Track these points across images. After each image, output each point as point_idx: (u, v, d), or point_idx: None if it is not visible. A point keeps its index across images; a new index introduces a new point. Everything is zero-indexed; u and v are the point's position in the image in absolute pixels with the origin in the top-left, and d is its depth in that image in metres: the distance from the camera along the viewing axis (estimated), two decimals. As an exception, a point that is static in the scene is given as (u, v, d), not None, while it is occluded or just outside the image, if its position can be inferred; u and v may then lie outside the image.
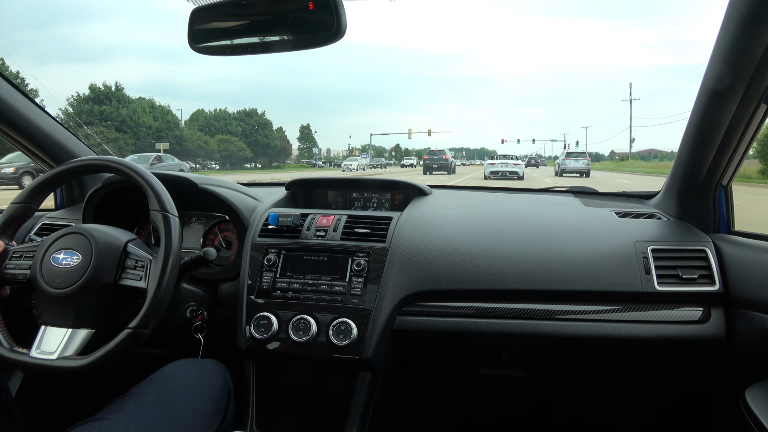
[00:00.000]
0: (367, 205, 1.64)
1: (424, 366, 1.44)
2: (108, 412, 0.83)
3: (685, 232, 1.26)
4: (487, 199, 1.61)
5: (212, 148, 41.41)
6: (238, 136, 45.90)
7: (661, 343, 1.12)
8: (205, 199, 1.38)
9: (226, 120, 47.72)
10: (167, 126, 37.37)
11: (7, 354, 0.90)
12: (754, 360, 1.09)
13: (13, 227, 1.03)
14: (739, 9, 0.88)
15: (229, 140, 43.53)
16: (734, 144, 1.12)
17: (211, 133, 44.66)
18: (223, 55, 1.03)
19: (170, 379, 0.94)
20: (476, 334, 1.18)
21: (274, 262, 1.25)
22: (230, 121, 47.98)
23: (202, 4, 1.00)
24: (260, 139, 48.70)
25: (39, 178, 1.05)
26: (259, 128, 49.50)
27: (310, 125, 69.07)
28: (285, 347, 1.18)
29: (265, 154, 49.04)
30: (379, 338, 1.16)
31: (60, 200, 1.71)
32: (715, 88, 1.03)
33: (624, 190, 1.73)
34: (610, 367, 1.35)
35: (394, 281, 1.19)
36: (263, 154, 48.61)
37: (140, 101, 36.38)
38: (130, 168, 1.02)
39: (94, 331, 0.92)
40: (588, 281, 1.15)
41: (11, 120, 1.38)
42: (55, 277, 0.92)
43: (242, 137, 46.47)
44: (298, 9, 0.96)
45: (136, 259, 0.96)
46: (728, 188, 1.25)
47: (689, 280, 1.14)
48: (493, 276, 1.18)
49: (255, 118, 50.24)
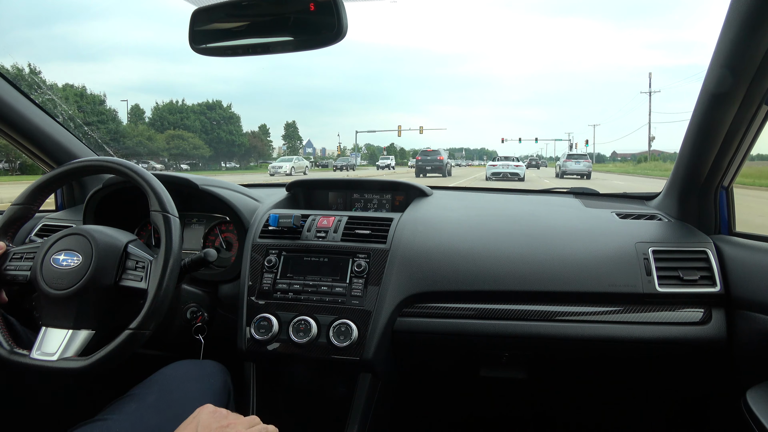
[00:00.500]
0: (367, 206, 1.64)
1: (425, 367, 1.44)
2: (108, 413, 0.83)
3: (686, 233, 1.25)
4: (488, 201, 1.61)
5: (159, 145, 34.93)
6: (196, 131, 39.55)
7: (662, 344, 1.12)
8: (205, 200, 1.38)
9: (183, 113, 41.09)
10: (100, 119, 30.62)
11: (8, 355, 0.90)
12: (755, 361, 1.08)
13: (14, 228, 1.03)
14: (741, 10, 0.88)
15: (182, 136, 37.34)
16: (735, 145, 1.12)
17: (164, 127, 38.75)
18: (223, 56, 1.04)
19: (171, 380, 0.94)
20: (477, 335, 1.18)
21: (274, 263, 1.25)
22: (187, 114, 41.29)
23: (203, 5, 1.00)
24: (223, 136, 42.60)
25: (39, 179, 1.05)
26: (223, 123, 43.18)
27: (296, 122, 64.18)
28: (285, 348, 1.17)
29: (230, 154, 43.31)
30: (380, 339, 1.16)
31: (60, 201, 1.71)
32: (716, 89, 1.03)
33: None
34: (610, 368, 1.35)
35: (394, 282, 1.19)
36: (227, 154, 42.85)
37: (68, 89, 29.67)
38: (131, 169, 1.02)
39: (95, 332, 0.92)
40: (589, 282, 1.15)
41: (12, 121, 1.38)
42: (56, 278, 0.92)
43: (201, 133, 40.40)
44: (299, 10, 0.96)
45: (136, 260, 0.96)
46: (729, 189, 1.25)
47: (690, 281, 1.13)
48: (494, 277, 1.18)
49: (218, 111, 43.69)
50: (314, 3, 0.93)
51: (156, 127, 38.71)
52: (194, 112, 42.38)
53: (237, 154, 44.13)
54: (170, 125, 39.53)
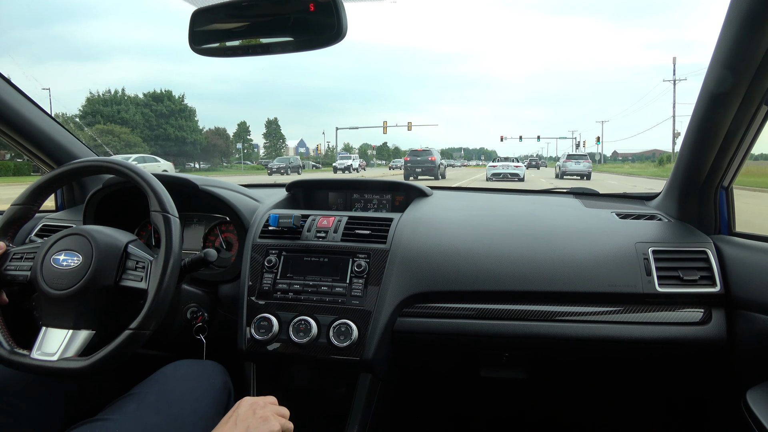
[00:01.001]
0: (367, 207, 1.64)
1: (425, 368, 1.44)
2: (109, 413, 0.84)
3: (686, 233, 1.25)
4: (488, 201, 1.61)
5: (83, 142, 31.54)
6: (137, 126, 34.00)
7: (662, 344, 1.12)
8: (205, 200, 1.38)
9: (122, 105, 35.21)
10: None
11: (8, 355, 0.90)
12: (755, 361, 1.08)
13: (14, 228, 1.03)
14: (741, 10, 0.88)
15: (112, 131, 31.86)
16: (735, 145, 1.12)
17: (97, 121, 33.47)
18: (223, 57, 1.04)
19: (171, 379, 0.94)
20: (477, 335, 1.18)
21: (274, 263, 1.25)
22: (127, 106, 35.35)
23: (203, 6, 1.00)
24: (171, 132, 36.21)
25: (39, 179, 1.05)
26: (172, 117, 36.76)
27: (277, 119, 57.26)
28: (285, 348, 1.18)
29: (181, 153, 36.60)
30: (380, 340, 1.16)
31: (60, 201, 1.71)
32: (716, 89, 1.04)
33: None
34: (610, 368, 1.35)
35: (394, 282, 1.19)
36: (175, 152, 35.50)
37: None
38: (131, 169, 1.02)
39: (95, 332, 0.92)
40: (589, 282, 1.15)
41: (12, 121, 1.38)
42: (56, 279, 0.92)
43: (144, 128, 34.90)
44: (298, 11, 0.96)
45: (136, 260, 0.96)
46: (729, 189, 1.25)
47: (690, 281, 1.13)
48: (494, 277, 1.18)
49: (166, 103, 37.18)
50: (314, 3, 0.93)
51: (88, 121, 33.91)
52: (137, 103, 36.33)
53: (191, 153, 38.07)
54: (105, 118, 34.35)
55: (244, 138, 49.79)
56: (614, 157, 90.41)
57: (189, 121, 38.69)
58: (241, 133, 49.93)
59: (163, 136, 36.14)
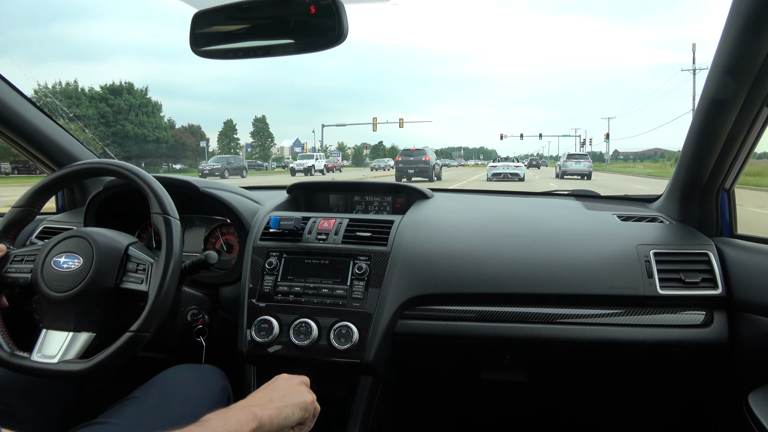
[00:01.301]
0: (368, 209, 1.64)
1: (426, 370, 1.44)
2: (108, 416, 0.83)
3: (688, 235, 1.25)
4: (489, 203, 1.61)
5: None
6: (91, 122, 28.95)
7: (664, 346, 1.12)
8: (206, 203, 1.38)
9: (73, 98, 30.69)
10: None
11: (8, 358, 0.90)
12: (757, 364, 1.08)
13: (15, 231, 1.03)
14: (742, 13, 0.88)
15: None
16: (737, 148, 1.11)
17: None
18: (224, 59, 1.04)
19: (171, 383, 0.94)
20: (478, 337, 1.18)
21: (275, 265, 1.25)
22: (79, 99, 31.03)
23: (204, 8, 1.00)
24: (129, 129, 31.91)
25: (40, 181, 1.05)
26: (131, 112, 32.57)
27: (265, 117, 52.82)
28: (286, 351, 1.17)
29: (144, 154, 32.29)
30: (381, 342, 1.15)
31: (61, 204, 1.71)
32: (717, 92, 1.03)
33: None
34: (612, 371, 1.35)
35: (395, 285, 1.18)
36: (135, 152, 31.54)
37: None
38: (132, 171, 1.02)
39: (95, 335, 0.91)
40: (590, 285, 1.15)
41: (13, 123, 1.38)
42: (57, 281, 0.92)
43: (100, 125, 30.36)
44: (299, 13, 0.96)
45: (137, 263, 0.96)
46: (731, 192, 1.24)
47: (692, 283, 1.13)
48: (495, 279, 1.18)
49: (125, 97, 32.78)
50: (315, 6, 0.93)
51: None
52: (91, 97, 31.98)
53: (155, 153, 33.54)
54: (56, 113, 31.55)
55: (231, 137, 46.66)
56: (615, 156, 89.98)
57: (152, 117, 34.28)
58: (227, 131, 46.76)
59: (121, 133, 31.92)
